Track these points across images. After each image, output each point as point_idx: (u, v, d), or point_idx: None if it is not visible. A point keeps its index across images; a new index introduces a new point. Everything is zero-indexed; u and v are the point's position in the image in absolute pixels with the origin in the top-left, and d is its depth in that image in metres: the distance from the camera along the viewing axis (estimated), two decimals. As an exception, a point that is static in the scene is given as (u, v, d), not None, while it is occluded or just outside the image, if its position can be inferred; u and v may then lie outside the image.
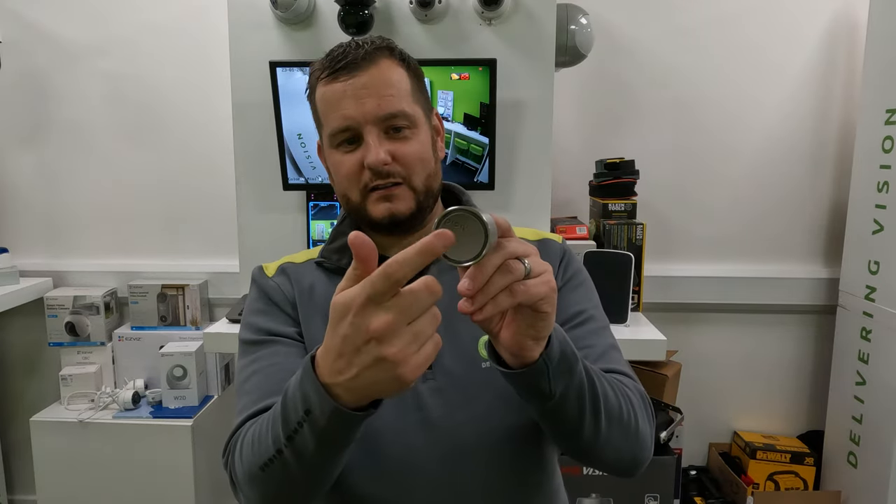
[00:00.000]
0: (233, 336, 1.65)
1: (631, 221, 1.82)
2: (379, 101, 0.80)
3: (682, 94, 2.07)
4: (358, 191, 0.83)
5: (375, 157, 0.79)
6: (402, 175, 0.82)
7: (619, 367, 0.82)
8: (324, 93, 0.83)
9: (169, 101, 2.12)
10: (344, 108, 0.80)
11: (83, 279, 2.20)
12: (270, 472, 0.67)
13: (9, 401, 2.31)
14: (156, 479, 1.95)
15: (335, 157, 0.84)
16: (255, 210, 1.81)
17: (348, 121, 0.80)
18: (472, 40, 1.69)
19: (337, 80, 0.81)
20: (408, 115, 0.82)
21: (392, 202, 0.82)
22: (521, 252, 0.54)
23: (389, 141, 0.81)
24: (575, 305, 0.87)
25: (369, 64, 0.81)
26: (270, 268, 0.95)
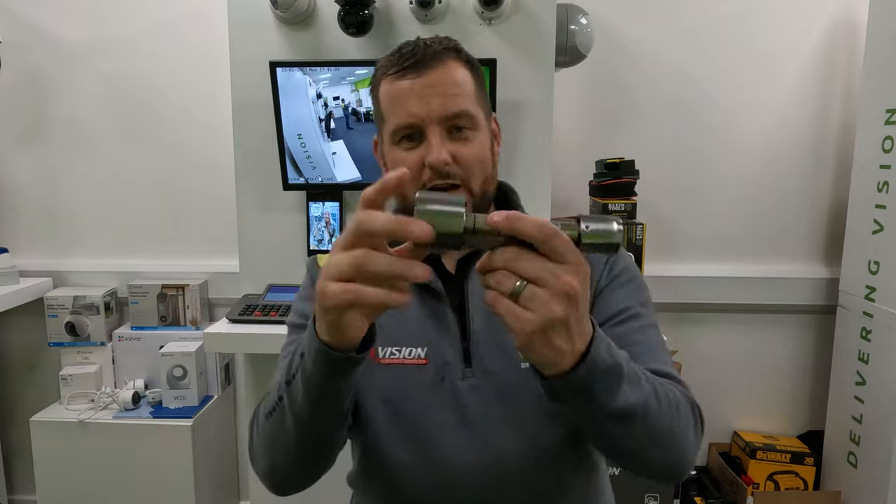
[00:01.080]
0: (232, 336, 1.65)
1: (631, 221, 1.82)
2: (444, 100, 0.80)
3: (682, 94, 2.07)
4: (415, 189, 0.81)
5: (437, 156, 0.79)
6: (461, 177, 0.81)
7: (664, 368, 0.79)
8: (389, 90, 0.83)
9: (169, 101, 2.12)
10: (409, 105, 0.80)
11: (83, 279, 2.20)
12: (272, 422, 0.72)
13: (9, 401, 2.31)
14: (156, 479, 1.95)
15: (395, 153, 0.84)
16: (255, 210, 1.81)
17: (412, 118, 0.80)
18: (472, 40, 1.69)
19: (404, 77, 0.81)
20: (471, 116, 0.82)
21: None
22: (520, 269, 0.51)
23: (451, 141, 0.81)
24: (618, 303, 0.85)
25: (437, 63, 0.81)
26: (323, 258, 0.95)
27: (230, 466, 2.26)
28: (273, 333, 1.63)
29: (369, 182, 2.02)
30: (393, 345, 0.85)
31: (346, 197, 1.81)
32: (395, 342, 0.84)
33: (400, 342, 0.85)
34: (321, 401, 0.65)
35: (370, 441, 0.86)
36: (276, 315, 1.67)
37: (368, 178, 1.73)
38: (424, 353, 0.83)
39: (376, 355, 0.85)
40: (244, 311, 1.69)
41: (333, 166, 1.72)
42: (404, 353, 0.84)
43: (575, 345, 0.55)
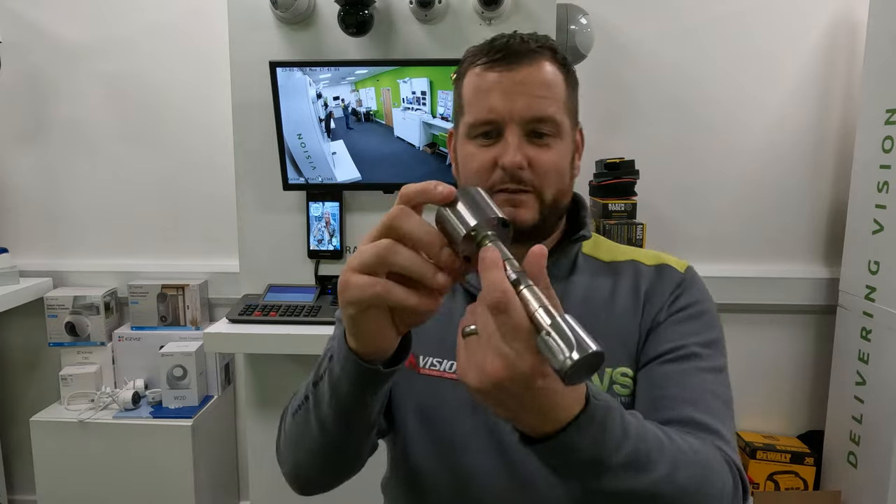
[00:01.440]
0: (232, 336, 1.65)
1: (631, 221, 1.82)
2: (530, 101, 0.76)
3: (682, 94, 2.07)
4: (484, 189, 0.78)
5: (513, 158, 0.75)
6: (533, 183, 0.77)
7: (705, 418, 0.69)
8: (474, 80, 0.79)
9: (169, 101, 2.12)
10: (491, 100, 0.76)
11: (83, 279, 2.20)
12: (297, 421, 0.70)
13: (9, 401, 2.31)
14: (156, 479, 1.95)
15: (468, 148, 0.80)
16: (255, 210, 1.81)
17: (493, 115, 0.76)
18: (472, 40, 1.68)
19: (492, 69, 0.77)
20: (556, 122, 0.77)
21: (517, 209, 0.77)
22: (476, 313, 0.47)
23: (530, 145, 0.77)
24: (673, 340, 0.77)
25: (530, 61, 0.76)
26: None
27: (230, 466, 2.26)
28: (273, 333, 1.63)
29: (369, 182, 2.01)
30: (435, 355, 0.82)
31: (346, 197, 1.81)
32: (438, 352, 0.81)
33: (443, 353, 0.81)
34: (346, 409, 0.63)
35: (401, 449, 0.83)
36: (275, 315, 1.67)
37: (368, 178, 1.73)
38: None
39: (417, 363, 0.82)
40: (244, 311, 1.69)
41: (333, 166, 1.72)
42: (445, 366, 0.81)
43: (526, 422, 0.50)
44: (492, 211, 0.50)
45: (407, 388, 0.82)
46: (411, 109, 1.66)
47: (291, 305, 1.71)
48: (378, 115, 1.67)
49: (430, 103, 1.65)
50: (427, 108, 1.65)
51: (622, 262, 0.87)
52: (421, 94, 1.64)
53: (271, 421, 1.88)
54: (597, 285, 0.84)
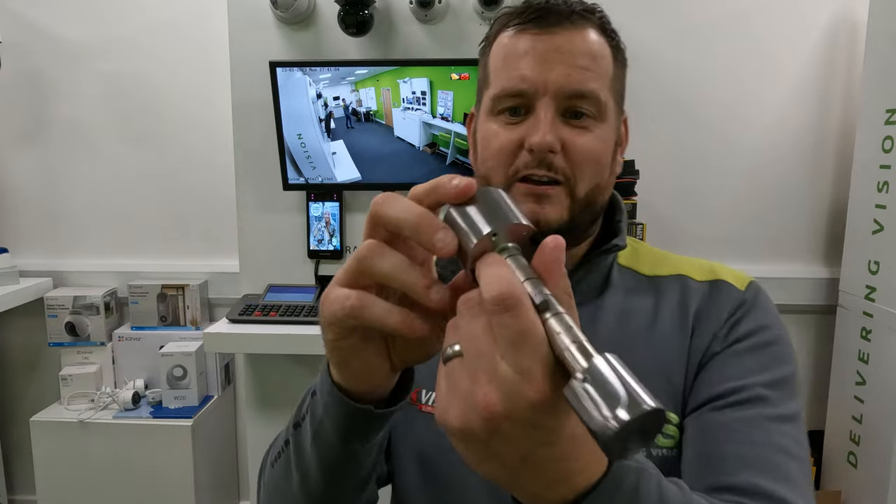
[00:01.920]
0: (232, 336, 1.65)
1: (631, 221, 1.82)
2: (570, 70, 0.62)
3: (682, 94, 2.07)
4: (504, 175, 0.65)
5: (542, 137, 0.61)
6: (565, 173, 0.64)
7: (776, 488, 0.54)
8: (504, 45, 0.66)
9: (169, 101, 2.12)
10: (523, 66, 0.63)
11: (83, 279, 2.20)
12: (277, 470, 0.59)
13: (9, 401, 2.31)
14: (156, 479, 1.95)
15: (489, 126, 0.66)
16: (255, 210, 1.81)
17: (523, 84, 0.63)
18: (472, 40, 1.69)
19: (526, 32, 0.64)
20: (598, 101, 0.64)
21: (541, 204, 0.64)
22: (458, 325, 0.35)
23: (565, 126, 0.64)
24: (732, 378, 0.62)
25: (572, 26, 0.64)
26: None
27: (230, 466, 2.26)
28: (273, 333, 1.63)
29: (369, 182, 2.01)
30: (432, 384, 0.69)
31: (346, 197, 1.81)
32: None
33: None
34: (331, 460, 0.51)
35: (399, 498, 0.71)
36: (275, 315, 1.67)
37: (368, 177, 1.73)
38: None
39: (418, 398, 0.69)
40: (244, 311, 1.69)
41: (333, 166, 1.72)
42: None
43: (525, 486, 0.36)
44: (516, 217, 0.37)
45: (406, 428, 0.68)
46: (411, 109, 1.66)
47: (291, 305, 1.71)
48: (378, 115, 1.67)
49: (430, 103, 1.65)
50: (427, 108, 1.65)
51: (666, 277, 0.73)
52: (421, 94, 1.64)
53: (271, 421, 1.88)
54: (634, 306, 0.70)
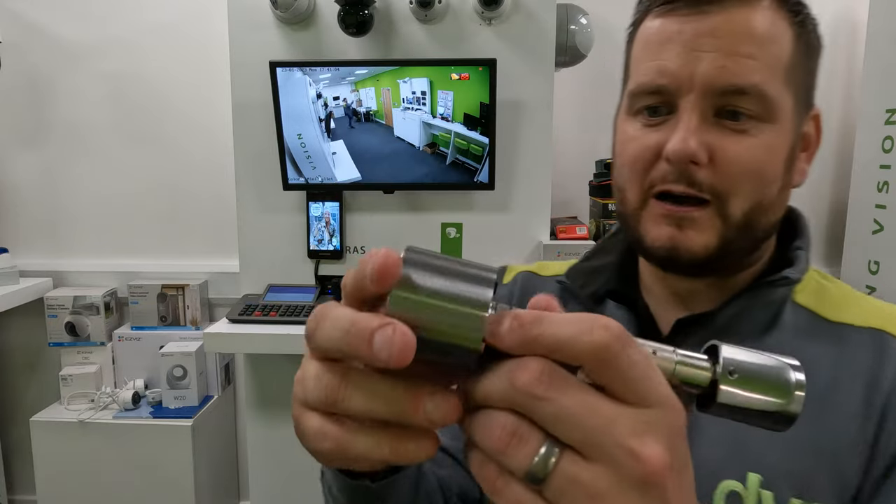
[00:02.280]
0: (232, 336, 1.65)
1: (631, 221, 1.82)
2: (725, 60, 0.50)
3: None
4: (639, 189, 0.54)
5: (682, 144, 0.49)
6: (714, 189, 0.51)
7: None
8: (648, 30, 0.55)
9: (169, 101, 2.12)
10: (665, 56, 0.52)
11: (83, 279, 2.20)
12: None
13: (9, 401, 2.31)
14: (156, 479, 1.95)
15: (627, 128, 0.56)
16: (255, 210, 1.81)
17: (663, 78, 0.52)
18: (472, 40, 1.69)
19: (673, 13, 0.52)
20: (764, 98, 0.50)
21: (681, 229, 0.52)
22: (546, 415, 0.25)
23: (716, 129, 0.51)
24: None
25: (734, 1, 0.51)
26: (512, 272, 0.71)
27: (230, 466, 2.26)
28: (273, 333, 1.63)
29: (369, 182, 2.01)
30: None
31: (346, 197, 1.81)
32: None
33: None
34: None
35: None
36: (275, 315, 1.67)
37: (368, 178, 1.73)
38: None
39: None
40: (244, 311, 1.69)
41: (333, 166, 1.72)
42: None
43: None
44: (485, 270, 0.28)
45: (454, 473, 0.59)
46: (411, 109, 1.66)
47: (291, 305, 1.71)
48: (378, 115, 1.67)
49: (430, 103, 1.65)
50: (427, 108, 1.65)
51: (858, 329, 0.55)
52: (421, 94, 1.64)
53: (271, 421, 1.88)
54: (806, 356, 0.51)
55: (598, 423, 0.25)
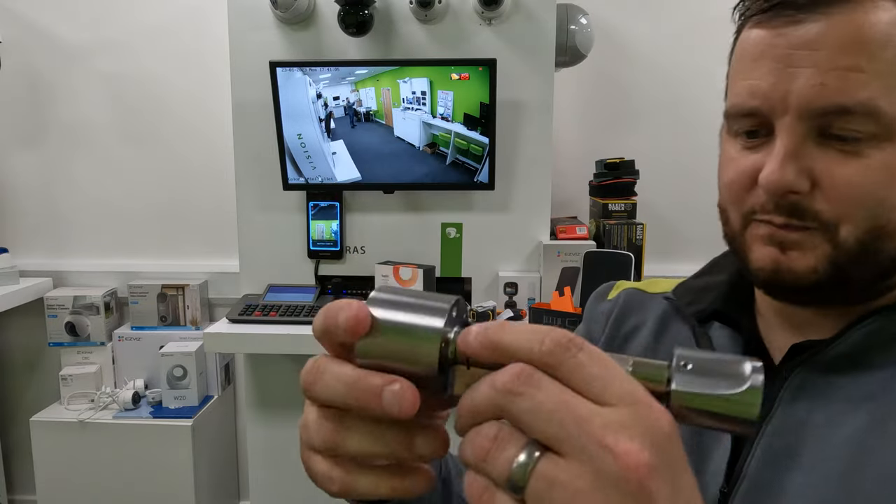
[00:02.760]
0: (232, 336, 1.65)
1: (631, 221, 1.82)
2: (823, 76, 0.43)
3: (682, 94, 2.07)
4: (738, 215, 0.50)
5: (776, 175, 0.45)
6: (820, 217, 0.46)
7: None
8: (743, 42, 0.49)
9: (169, 101, 2.12)
10: (756, 75, 0.46)
11: (83, 279, 2.20)
12: None
13: (9, 401, 2.31)
14: (156, 479, 1.95)
15: (727, 147, 0.51)
16: (255, 210, 1.81)
17: (755, 99, 0.46)
18: (472, 40, 1.69)
19: (768, 23, 0.46)
20: (877, 114, 0.43)
21: (784, 251, 0.47)
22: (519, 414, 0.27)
23: (820, 151, 0.45)
24: None
25: (834, 5, 0.44)
26: (618, 288, 0.68)
27: (230, 466, 2.26)
28: (273, 333, 1.63)
29: (369, 182, 2.01)
30: None
31: (346, 197, 1.81)
32: None
33: None
34: None
35: None
36: (275, 315, 1.67)
37: (368, 178, 1.73)
38: None
39: None
40: (244, 311, 1.69)
41: (333, 166, 1.72)
42: None
43: None
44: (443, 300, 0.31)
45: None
46: (411, 109, 1.66)
47: (291, 305, 1.71)
48: (378, 115, 1.67)
49: (429, 103, 1.65)
50: (427, 108, 1.65)
51: None
52: (421, 94, 1.64)
53: (271, 421, 1.88)
54: None
55: (572, 417, 0.26)
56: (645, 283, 0.67)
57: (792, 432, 0.45)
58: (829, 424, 0.46)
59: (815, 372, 0.48)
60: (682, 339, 0.57)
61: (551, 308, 1.62)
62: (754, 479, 0.47)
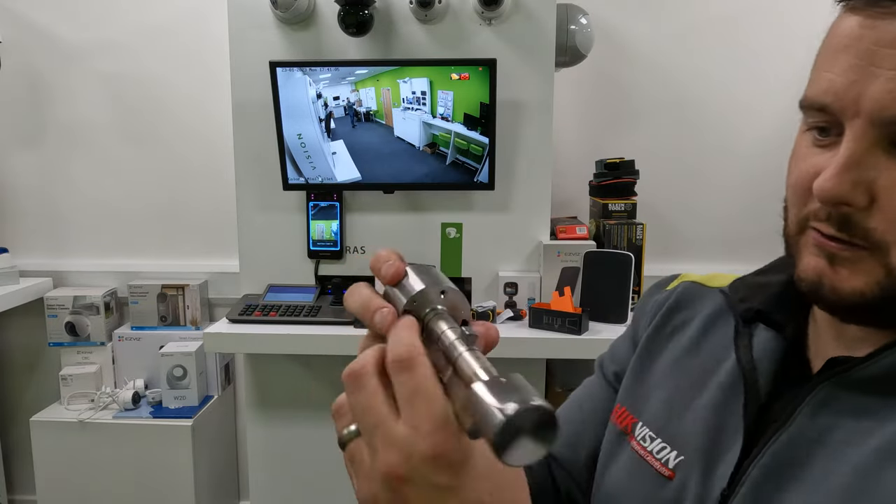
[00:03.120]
0: (232, 336, 1.65)
1: (631, 221, 1.82)
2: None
3: (682, 94, 2.07)
4: (796, 217, 0.48)
5: (829, 183, 0.42)
6: (872, 237, 0.42)
7: None
8: (834, 28, 0.47)
9: (169, 101, 2.12)
10: (836, 68, 0.43)
11: (83, 279, 2.20)
12: None
13: (9, 401, 2.31)
14: (156, 479, 1.95)
15: (799, 140, 0.50)
16: (255, 210, 1.81)
17: (828, 96, 0.43)
18: (472, 40, 1.69)
19: (863, 10, 0.43)
20: None
21: (833, 266, 0.44)
22: (348, 399, 0.37)
23: (888, 163, 0.41)
24: None
25: None
26: (678, 280, 0.68)
27: (230, 466, 2.26)
28: (273, 333, 1.63)
29: (369, 182, 2.01)
30: (654, 423, 0.56)
31: (346, 197, 1.81)
32: (666, 423, 0.55)
33: (667, 427, 0.55)
34: None
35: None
36: (275, 315, 1.67)
37: (368, 178, 1.73)
38: (676, 460, 0.53)
39: (632, 428, 0.58)
40: (244, 311, 1.69)
41: (333, 166, 1.72)
42: (655, 446, 0.55)
43: None
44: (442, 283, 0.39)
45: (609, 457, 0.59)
46: (411, 109, 1.66)
47: (291, 305, 1.71)
48: (378, 115, 1.67)
49: (430, 103, 1.65)
50: (427, 108, 1.65)
51: None
52: (421, 94, 1.64)
53: (271, 421, 1.88)
54: None
55: (370, 420, 0.34)
56: (706, 277, 0.66)
57: (804, 447, 0.44)
58: (844, 444, 0.43)
59: (842, 389, 0.46)
60: (726, 337, 0.56)
61: (551, 308, 1.62)
62: (753, 486, 0.46)
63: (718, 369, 0.55)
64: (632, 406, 0.59)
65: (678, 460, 0.52)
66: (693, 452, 0.51)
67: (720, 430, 0.50)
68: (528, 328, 1.63)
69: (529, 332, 1.62)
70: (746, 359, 0.52)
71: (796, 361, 0.51)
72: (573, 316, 1.58)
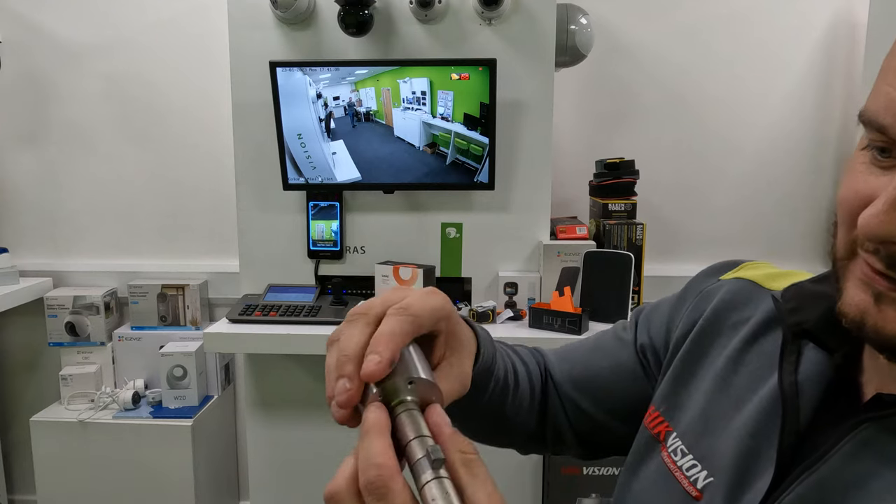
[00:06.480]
0: (232, 336, 1.65)
1: (631, 221, 1.82)
2: None
3: (682, 94, 2.07)
4: (844, 240, 0.43)
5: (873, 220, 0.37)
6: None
7: None
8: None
9: (169, 101, 2.12)
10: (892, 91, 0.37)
11: (83, 279, 2.20)
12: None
13: (9, 401, 2.31)
14: (156, 479, 1.95)
15: (856, 155, 0.42)
16: (255, 210, 1.81)
17: (889, 115, 0.38)
18: (472, 40, 1.69)
19: None
20: None
21: (878, 304, 0.40)
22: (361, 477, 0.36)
23: None
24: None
25: None
26: (734, 273, 0.63)
27: (230, 466, 2.26)
28: (273, 333, 1.63)
29: (369, 182, 2.01)
30: (694, 440, 0.53)
31: (346, 197, 1.81)
32: (700, 439, 0.53)
33: (701, 443, 0.53)
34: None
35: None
36: (275, 315, 1.67)
37: (368, 178, 1.73)
38: (705, 481, 0.50)
39: (664, 437, 0.56)
40: (244, 311, 1.69)
41: (333, 166, 1.72)
42: (686, 462, 0.52)
43: None
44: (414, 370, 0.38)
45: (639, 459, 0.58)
46: (411, 109, 1.66)
47: (291, 305, 1.71)
48: (378, 115, 1.67)
49: (430, 103, 1.65)
50: (427, 108, 1.65)
51: None
52: (421, 94, 1.64)
53: (271, 421, 1.88)
54: None
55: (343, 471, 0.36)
56: (764, 276, 0.59)
57: (839, 490, 0.40)
58: (886, 493, 0.39)
59: (888, 432, 0.41)
60: (772, 351, 0.51)
61: (551, 308, 1.62)
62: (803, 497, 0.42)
63: (761, 387, 0.51)
64: (667, 412, 0.57)
65: (707, 482, 0.49)
66: (723, 475, 0.48)
67: (754, 456, 0.47)
68: (528, 328, 1.64)
69: (529, 332, 1.62)
70: (789, 381, 0.47)
71: (846, 387, 0.46)
72: (573, 316, 1.58)
